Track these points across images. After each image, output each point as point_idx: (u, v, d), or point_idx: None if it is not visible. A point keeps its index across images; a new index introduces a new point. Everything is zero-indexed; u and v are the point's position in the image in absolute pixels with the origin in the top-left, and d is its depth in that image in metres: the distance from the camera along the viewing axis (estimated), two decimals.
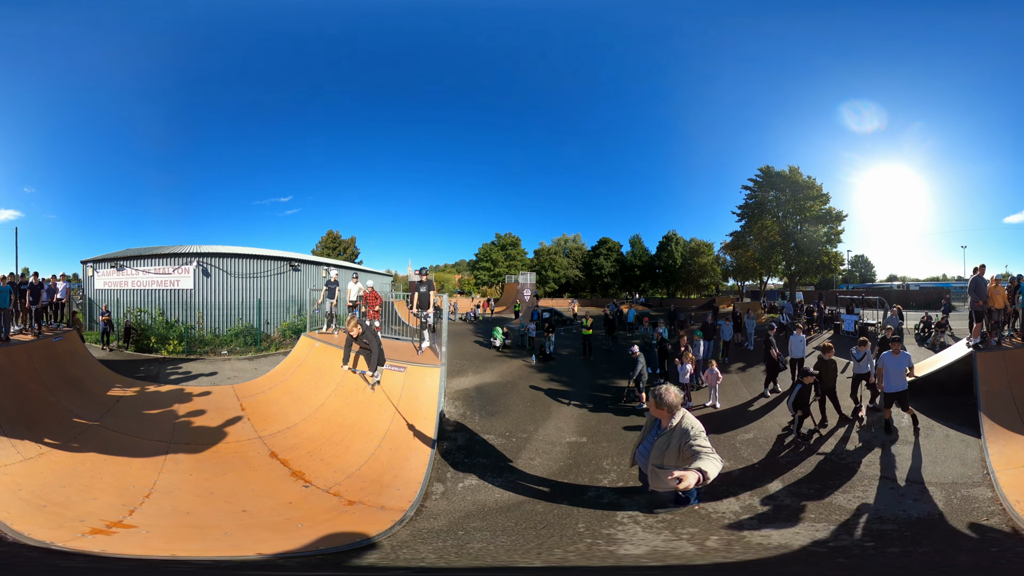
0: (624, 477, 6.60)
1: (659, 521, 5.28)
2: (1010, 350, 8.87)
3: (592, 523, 5.33)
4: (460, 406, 9.68)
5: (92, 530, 4.69)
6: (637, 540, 4.85)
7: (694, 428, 4.50)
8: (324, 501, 5.97)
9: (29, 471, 6.05)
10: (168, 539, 4.71)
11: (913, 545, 4.77)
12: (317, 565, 4.31)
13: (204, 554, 4.45)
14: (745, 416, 9.26)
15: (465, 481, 6.57)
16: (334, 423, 8.06)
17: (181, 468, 6.60)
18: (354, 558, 4.52)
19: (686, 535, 4.95)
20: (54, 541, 4.36)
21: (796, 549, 4.65)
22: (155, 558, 4.26)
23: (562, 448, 7.77)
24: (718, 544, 4.77)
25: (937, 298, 34.89)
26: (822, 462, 7.06)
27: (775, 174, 36.93)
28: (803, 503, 5.84)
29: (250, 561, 4.31)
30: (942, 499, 5.88)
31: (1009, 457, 6.70)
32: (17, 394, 8.02)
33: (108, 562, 4.14)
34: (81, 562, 4.08)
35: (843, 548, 4.73)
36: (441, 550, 4.77)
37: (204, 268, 18.95)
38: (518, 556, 4.58)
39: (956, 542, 4.88)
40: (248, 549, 4.55)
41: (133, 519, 5.08)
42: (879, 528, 5.18)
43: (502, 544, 4.87)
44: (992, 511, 5.55)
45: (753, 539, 4.93)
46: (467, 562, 4.41)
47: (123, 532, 4.78)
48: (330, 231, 51.91)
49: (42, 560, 4.09)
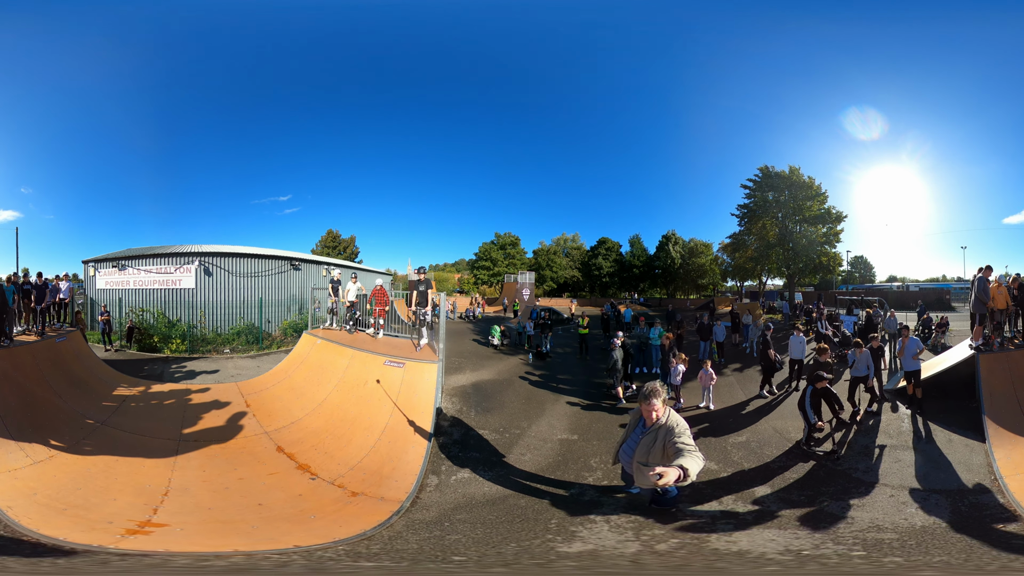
0: (609, 476, 6.64)
1: (630, 521, 5.27)
2: (1013, 352, 8.61)
3: (565, 520, 5.39)
4: (457, 402, 9.87)
5: (127, 531, 4.76)
6: (592, 538, 4.89)
7: (679, 426, 4.63)
8: (330, 492, 6.21)
9: (41, 474, 6.02)
10: (205, 535, 4.83)
11: (923, 555, 4.53)
12: (346, 554, 4.47)
13: (248, 548, 4.49)
14: (739, 419, 9.13)
15: (459, 474, 6.76)
16: (336, 417, 8.27)
17: (193, 465, 6.74)
18: (360, 549, 4.72)
19: (646, 536, 4.91)
20: (93, 543, 4.35)
21: (755, 555, 4.49)
22: (210, 552, 4.35)
23: (553, 445, 7.92)
24: (670, 547, 4.68)
25: (936, 299, 35.03)
26: (816, 467, 6.84)
27: (774, 174, 37.04)
28: (791, 510, 5.64)
29: (291, 552, 4.43)
30: (948, 507, 5.59)
31: (1017, 462, 6.45)
32: (22, 396, 8.00)
33: (173, 558, 4.18)
34: (133, 563, 4.08)
35: (820, 556, 4.49)
36: (424, 541, 4.95)
37: (206, 267, 19.14)
38: (484, 549, 4.71)
39: (973, 552, 4.58)
40: (282, 542, 4.67)
41: (160, 517, 5.16)
42: (875, 537, 4.94)
43: (475, 537, 5.00)
44: (1006, 518, 5.33)
45: (713, 544, 4.76)
46: (441, 555, 4.57)
47: (159, 531, 4.86)
48: (330, 230, 52.18)
49: (86, 563, 4.07)
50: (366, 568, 4.33)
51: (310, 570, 4.18)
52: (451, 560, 4.51)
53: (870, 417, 8.66)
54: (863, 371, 8.99)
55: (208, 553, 4.37)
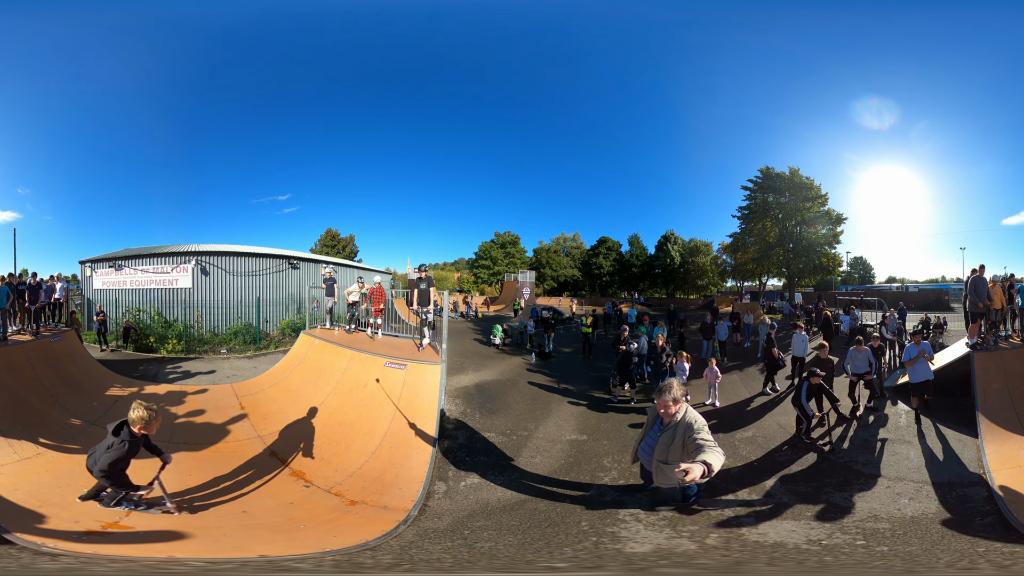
0: (625, 475, 6.60)
1: (660, 519, 5.27)
2: (1007, 350, 8.93)
3: (595, 521, 5.32)
4: (460, 404, 9.67)
5: (87, 531, 4.64)
6: (640, 538, 4.83)
7: (697, 422, 4.56)
8: (326, 501, 5.94)
9: (26, 471, 5.99)
10: (171, 540, 4.65)
11: (903, 544, 4.83)
12: (327, 567, 4.27)
13: (203, 555, 4.38)
14: (744, 415, 9.35)
15: (467, 480, 6.55)
16: (334, 421, 8.03)
17: (181, 468, 6.53)
18: (361, 559, 4.49)
19: (687, 533, 4.94)
20: (44, 542, 4.31)
21: (791, 547, 4.66)
22: (149, 559, 4.20)
23: (563, 446, 7.77)
24: (717, 542, 4.76)
25: (936, 299, 34.96)
26: (819, 461, 7.09)
27: (775, 175, 37.00)
28: (800, 501, 5.88)
29: (252, 562, 4.27)
30: (938, 498, 5.92)
31: (1006, 457, 6.75)
32: (15, 394, 7.97)
33: (96, 563, 4.08)
34: (69, 562, 4.02)
35: (835, 546, 4.74)
36: (451, 550, 4.72)
37: (203, 267, 18.90)
38: (530, 554, 4.53)
39: (945, 541, 4.93)
40: (250, 551, 4.50)
41: (130, 520, 5.02)
42: (872, 527, 5.22)
43: (510, 543, 4.84)
44: (987, 510, 5.58)
45: (751, 537, 4.92)
46: (484, 563, 4.37)
47: (118, 533, 4.73)
48: (329, 229, 51.97)
49: (32, 562, 4.02)
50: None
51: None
52: (512, 571, 4.28)
53: (870, 413, 8.92)
54: (863, 368, 9.24)
55: (159, 559, 4.19)
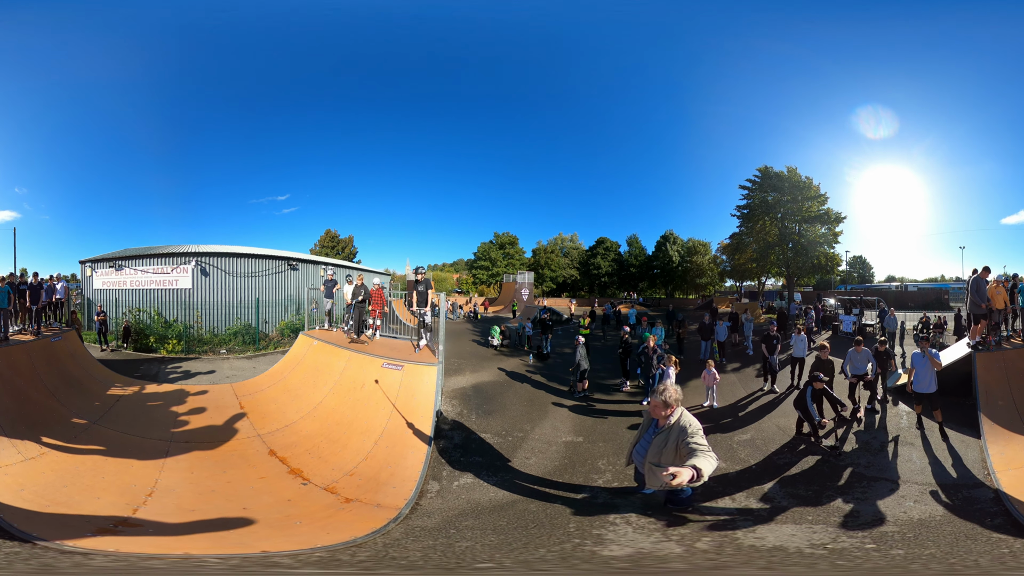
0: (619, 477, 6.59)
1: (651, 522, 5.23)
2: (1009, 351, 8.86)
3: (583, 523, 5.29)
4: (457, 404, 9.73)
5: (99, 529, 4.74)
6: (625, 541, 4.81)
7: (691, 426, 4.53)
8: (322, 498, 6.04)
9: (30, 471, 6.07)
10: (176, 536, 4.75)
11: (918, 547, 4.69)
12: (315, 563, 4.34)
13: (213, 551, 4.47)
14: (742, 416, 9.31)
15: (461, 479, 6.61)
16: (332, 421, 8.12)
17: (182, 467, 6.65)
18: (347, 556, 4.56)
19: (676, 536, 4.88)
20: (64, 541, 4.38)
21: (792, 551, 4.56)
22: (171, 555, 4.30)
23: (558, 447, 7.81)
24: (708, 546, 4.68)
25: (935, 299, 34.96)
26: (819, 463, 6.98)
27: (773, 174, 36.96)
28: (800, 504, 5.78)
29: (254, 558, 4.34)
30: (944, 500, 5.81)
31: (1010, 458, 6.66)
32: (17, 394, 8.04)
33: (125, 559, 4.16)
34: (101, 561, 4.08)
35: (842, 550, 4.62)
36: (429, 548, 4.77)
37: (203, 268, 18.98)
38: (501, 555, 4.53)
39: (962, 543, 4.78)
40: (252, 547, 4.59)
41: (138, 518, 5.13)
42: (880, 530, 5.12)
43: (489, 543, 4.85)
44: (995, 511, 5.50)
45: (746, 540, 4.84)
46: (453, 561, 4.40)
47: (131, 531, 4.82)
48: (328, 230, 51.99)
49: (56, 560, 4.08)
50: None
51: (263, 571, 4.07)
52: (474, 567, 4.30)
53: (871, 415, 8.84)
54: (862, 369, 9.08)
55: (159, 555, 4.28)
